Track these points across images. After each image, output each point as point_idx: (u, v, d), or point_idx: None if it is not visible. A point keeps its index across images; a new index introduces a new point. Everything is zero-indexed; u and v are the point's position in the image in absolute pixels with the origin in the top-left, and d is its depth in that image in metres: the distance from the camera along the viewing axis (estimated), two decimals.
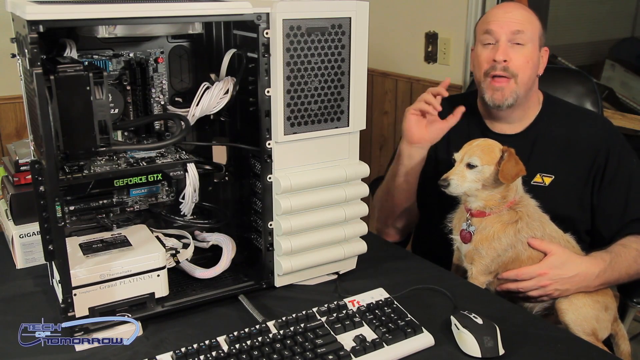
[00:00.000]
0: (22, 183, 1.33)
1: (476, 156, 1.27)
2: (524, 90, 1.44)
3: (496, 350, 1.00)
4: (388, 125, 3.04)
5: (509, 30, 1.41)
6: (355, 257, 1.28)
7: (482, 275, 1.31)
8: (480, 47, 1.46)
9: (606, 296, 1.33)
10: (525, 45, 1.41)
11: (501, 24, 1.42)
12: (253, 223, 1.25)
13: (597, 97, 1.71)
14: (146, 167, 1.12)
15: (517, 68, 1.41)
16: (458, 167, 1.29)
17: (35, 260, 1.31)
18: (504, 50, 1.41)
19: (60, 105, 0.96)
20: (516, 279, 1.30)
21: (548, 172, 1.46)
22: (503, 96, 1.42)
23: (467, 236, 1.32)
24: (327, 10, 1.09)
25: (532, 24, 1.44)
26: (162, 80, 1.24)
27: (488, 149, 1.28)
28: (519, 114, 1.49)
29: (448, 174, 1.29)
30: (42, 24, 0.88)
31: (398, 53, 2.90)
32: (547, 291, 1.29)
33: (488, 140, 1.32)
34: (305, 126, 1.14)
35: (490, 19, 1.45)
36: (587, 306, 1.29)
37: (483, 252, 1.29)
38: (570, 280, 1.29)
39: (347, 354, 0.98)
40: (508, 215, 1.29)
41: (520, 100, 1.45)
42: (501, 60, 1.40)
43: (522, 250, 1.30)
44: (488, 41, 1.44)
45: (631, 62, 3.01)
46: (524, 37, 1.41)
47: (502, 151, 1.28)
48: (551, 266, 1.29)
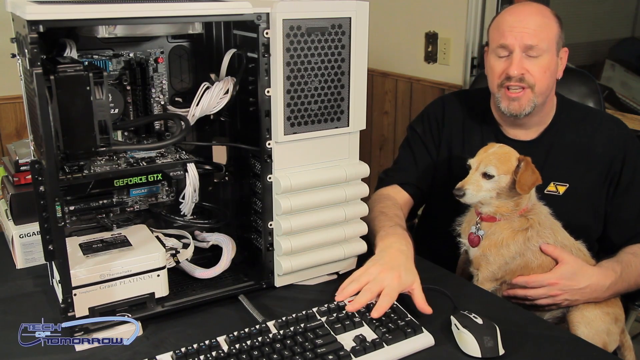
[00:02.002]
0: (22, 183, 1.33)
1: (492, 165, 1.24)
2: (542, 98, 1.39)
3: (496, 350, 1.00)
4: (388, 125, 3.04)
5: (523, 43, 1.35)
6: (355, 257, 1.28)
7: (488, 282, 1.30)
8: (494, 58, 1.41)
9: (615, 307, 1.32)
10: (541, 56, 1.36)
11: (515, 35, 1.35)
12: (253, 223, 1.25)
13: (600, 98, 1.70)
14: (146, 167, 1.12)
15: (534, 79, 1.36)
16: (474, 176, 1.25)
17: (35, 260, 1.31)
18: (519, 63, 1.35)
19: (60, 105, 0.96)
20: (525, 285, 1.29)
21: (562, 181, 1.42)
22: (520, 106, 1.38)
23: (475, 240, 1.30)
24: (327, 10, 1.09)
25: (548, 29, 1.37)
26: (162, 80, 1.24)
27: (505, 158, 1.25)
28: (536, 119, 1.45)
29: (463, 183, 1.26)
30: (42, 24, 0.88)
31: (398, 53, 2.90)
32: (556, 301, 1.28)
33: (504, 147, 1.28)
34: (305, 126, 1.14)
35: (504, 29, 1.37)
36: (599, 319, 1.28)
37: (491, 258, 1.28)
38: (580, 292, 1.27)
39: (347, 354, 0.98)
40: (519, 222, 1.27)
41: (539, 108, 1.40)
42: (516, 75, 1.36)
43: (532, 259, 1.27)
44: (502, 54, 1.39)
45: (631, 62, 3.01)
46: (539, 49, 1.35)
47: (518, 160, 1.25)
48: (562, 276, 1.26)
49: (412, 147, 1.59)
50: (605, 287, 1.28)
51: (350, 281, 1.13)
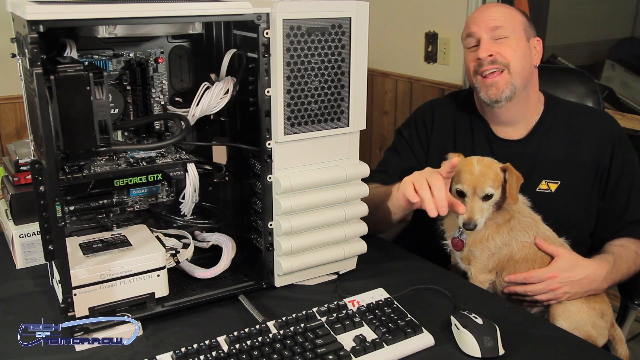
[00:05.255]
0: (22, 183, 1.33)
1: (489, 186, 1.22)
2: (520, 81, 1.40)
3: (496, 350, 1.00)
4: (388, 125, 3.04)
5: (487, 27, 1.39)
6: (355, 257, 1.28)
7: (481, 274, 1.30)
8: (466, 52, 1.45)
9: (602, 303, 1.32)
10: (508, 37, 1.39)
11: (479, 23, 1.41)
12: (253, 223, 1.25)
13: (599, 98, 1.71)
14: (146, 167, 1.12)
15: (505, 58, 1.38)
16: (475, 204, 1.22)
17: (35, 260, 1.31)
18: (486, 46, 1.39)
19: (60, 105, 0.96)
20: (525, 282, 1.29)
21: (554, 178, 1.43)
22: (498, 90, 1.39)
23: (459, 244, 1.30)
24: (327, 10, 1.09)
25: (512, 17, 1.41)
26: (162, 80, 1.24)
27: (493, 173, 1.23)
28: (521, 112, 1.45)
29: (471, 215, 1.22)
30: (42, 24, 0.88)
31: (398, 53, 2.90)
32: (557, 294, 1.28)
33: (484, 160, 1.26)
34: (305, 126, 1.14)
35: (469, 22, 1.45)
36: (582, 312, 1.28)
37: (477, 252, 1.29)
38: (579, 283, 1.28)
39: (347, 354, 0.98)
40: (501, 216, 1.28)
41: (520, 94, 1.41)
42: (485, 57, 1.38)
43: (517, 250, 1.28)
44: (471, 44, 1.43)
45: (631, 62, 3.01)
46: (505, 30, 1.39)
47: (502, 170, 1.24)
48: (560, 269, 1.27)
49: (399, 150, 1.59)
50: (602, 277, 1.30)
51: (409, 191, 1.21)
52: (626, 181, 1.43)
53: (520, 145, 1.46)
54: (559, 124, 1.47)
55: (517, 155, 1.43)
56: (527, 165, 1.41)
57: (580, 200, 1.43)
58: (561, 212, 1.38)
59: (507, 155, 1.40)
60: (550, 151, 1.45)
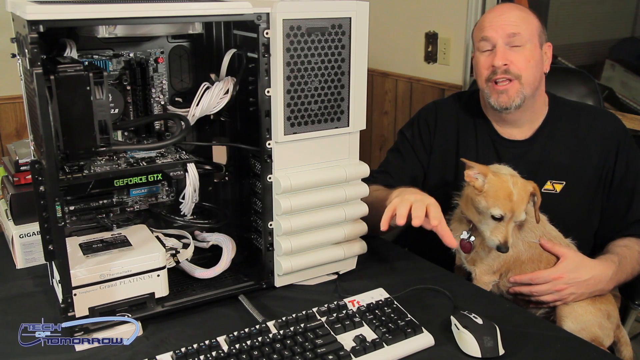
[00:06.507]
0: (22, 183, 1.33)
1: (523, 211, 1.21)
2: (530, 90, 1.39)
3: (496, 350, 1.00)
4: (388, 125, 3.04)
5: (504, 33, 1.38)
6: (355, 257, 1.28)
7: (485, 275, 1.30)
8: (479, 54, 1.43)
9: (608, 304, 1.32)
10: (523, 46, 1.38)
11: (496, 28, 1.39)
12: (253, 223, 1.25)
13: (599, 97, 1.70)
14: (146, 167, 1.12)
15: (518, 69, 1.37)
16: (511, 228, 1.20)
17: (35, 260, 1.31)
18: (502, 54, 1.37)
19: (60, 105, 0.96)
20: (530, 282, 1.28)
21: (559, 179, 1.42)
22: (509, 98, 1.38)
23: (467, 246, 1.29)
24: (327, 10, 1.09)
25: (529, 22, 1.40)
26: (162, 80, 1.24)
27: (526, 198, 1.20)
28: (528, 115, 1.45)
29: (507, 239, 1.19)
30: (42, 24, 0.88)
31: (398, 53, 2.90)
32: (563, 295, 1.27)
33: (519, 184, 1.21)
34: (305, 126, 1.14)
35: (484, 25, 1.42)
36: (589, 313, 1.28)
37: (483, 253, 1.28)
38: (585, 284, 1.27)
39: (347, 354, 0.98)
40: None
41: (528, 101, 1.41)
42: (500, 65, 1.37)
43: (523, 251, 1.29)
44: (485, 48, 1.41)
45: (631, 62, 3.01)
46: (521, 38, 1.38)
47: (532, 194, 1.22)
48: (566, 270, 1.27)
49: (401, 151, 1.59)
50: (609, 278, 1.29)
51: (392, 208, 1.15)
52: (630, 180, 1.42)
53: (525, 146, 1.45)
54: (563, 125, 1.46)
55: (522, 156, 1.43)
56: (532, 166, 1.41)
57: (586, 201, 1.43)
58: (566, 212, 1.38)
59: (512, 156, 1.39)
60: (556, 152, 1.44)
